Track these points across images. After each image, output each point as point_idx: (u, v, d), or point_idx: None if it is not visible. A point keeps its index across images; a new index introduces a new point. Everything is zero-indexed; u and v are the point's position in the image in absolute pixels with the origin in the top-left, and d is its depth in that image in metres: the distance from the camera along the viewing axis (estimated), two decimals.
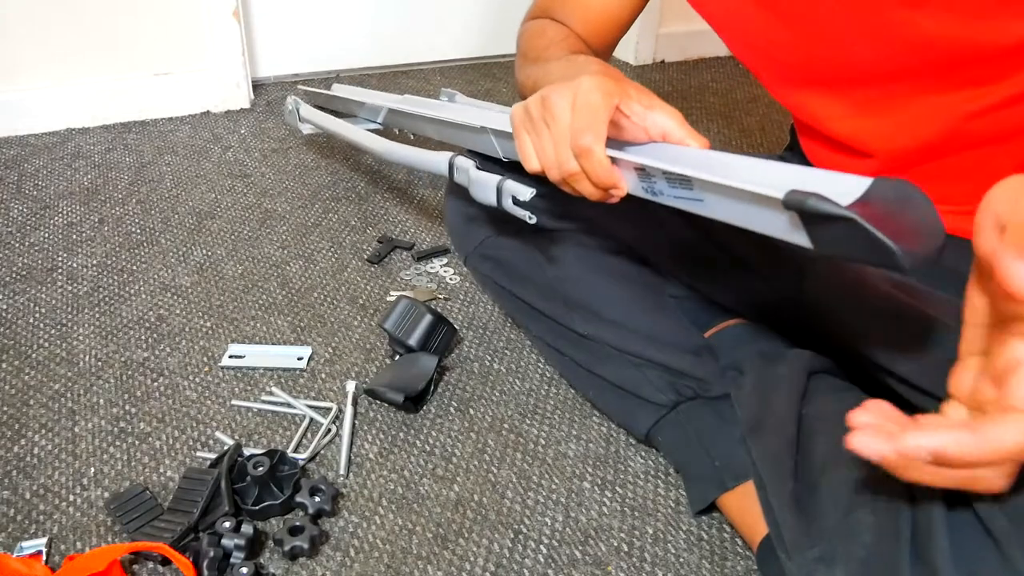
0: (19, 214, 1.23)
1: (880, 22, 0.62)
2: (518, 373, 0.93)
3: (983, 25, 0.57)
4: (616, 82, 0.63)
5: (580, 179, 0.63)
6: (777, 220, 0.51)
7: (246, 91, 1.64)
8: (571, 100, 0.61)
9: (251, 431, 0.84)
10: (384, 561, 0.71)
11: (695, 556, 0.72)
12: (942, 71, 0.61)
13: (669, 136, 0.64)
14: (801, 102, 0.73)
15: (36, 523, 0.73)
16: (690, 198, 0.59)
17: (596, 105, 0.60)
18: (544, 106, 0.63)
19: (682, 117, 0.64)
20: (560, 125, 0.61)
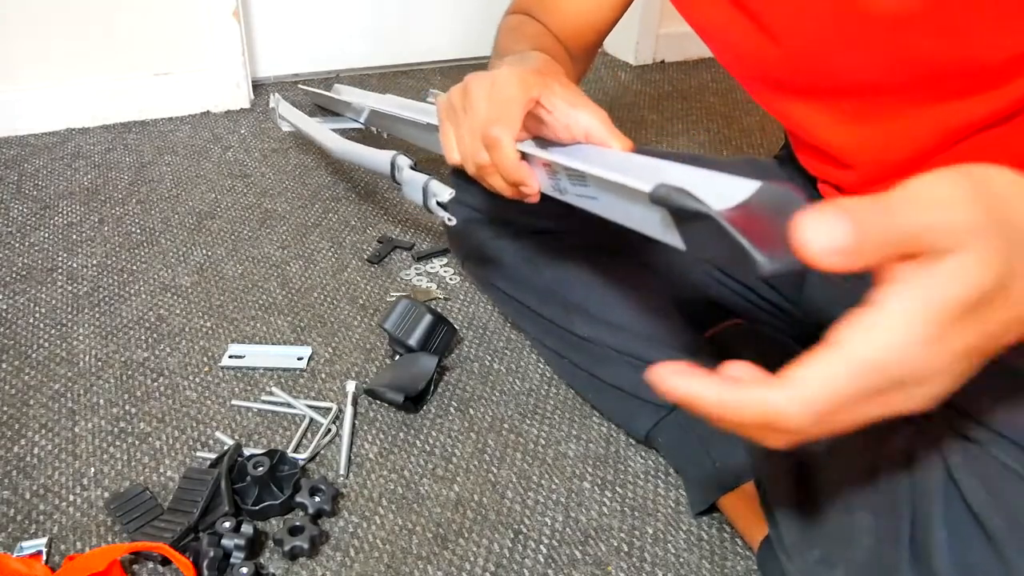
0: (19, 214, 1.23)
1: (866, 38, 0.62)
2: (518, 373, 0.93)
3: (971, 41, 0.57)
4: (539, 76, 0.61)
5: (491, 173, 0.61)
6: (653, 218, 0.49)
7: (246, 91, 1.64)
8: (487, 90, 0.59)
9: (251, 431, 0.84)
10: (384, 561, 0.71)
11: (695, 556, 0.72)
12: (928, 85, 0.61)
13: (591, 135, 0.61)
14: (786, 110, 0.73)
15: (36, 523, 0.73)
16: (588, 196, 0.57)
17: (510, 96, 0.58)
18: (464, 95, 0.61)
19: (607, 117, 0.61)
20: (475, 115, 0.60)
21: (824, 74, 0.67)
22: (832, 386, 0.35)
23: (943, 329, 0.33)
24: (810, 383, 0.35)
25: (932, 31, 0.58)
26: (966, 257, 0.32)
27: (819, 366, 0.35)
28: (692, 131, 1.63)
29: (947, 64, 0.59)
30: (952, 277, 0.33)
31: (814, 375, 0.35)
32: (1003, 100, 0.59)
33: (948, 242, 0.32)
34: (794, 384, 0.36)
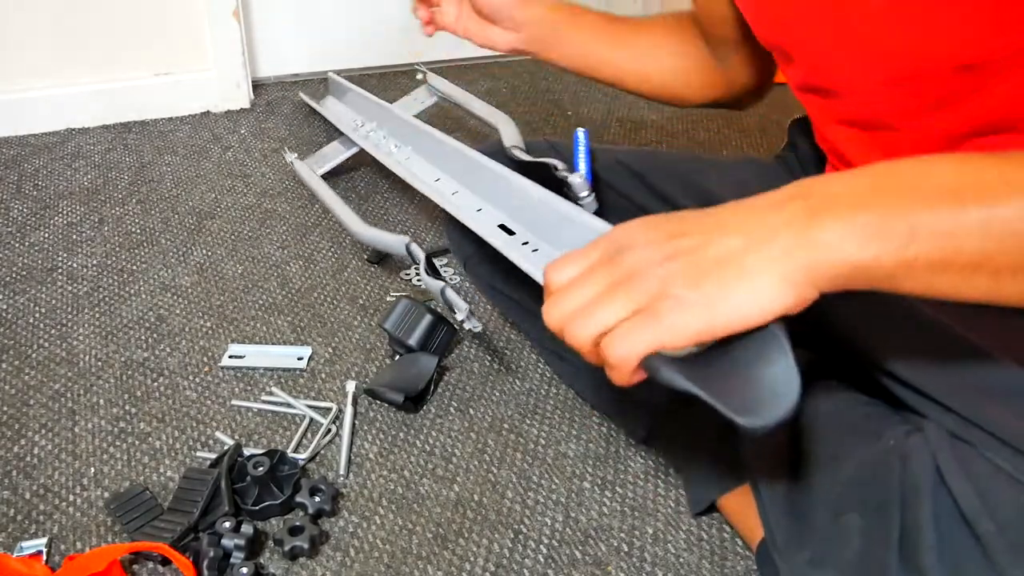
0: (19, 214, 1.23)
1: (865, 38, 0.62)
2: (518, 373, 0.93)
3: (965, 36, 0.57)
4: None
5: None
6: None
7: (246, 91, 1.64)
8: None
9: (251, 431, 0.84)
10: (384, 561, 0.71)
11: (695, 556, 0.72)
12: (926, 84, 0.61)
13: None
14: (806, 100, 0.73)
15: (36, 523, 0.73)
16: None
17: None
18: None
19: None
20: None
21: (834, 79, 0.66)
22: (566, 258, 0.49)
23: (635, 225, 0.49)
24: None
25: (927, 27, 0.58)
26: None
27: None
28: (692, 131, 1.63)
29: (944, 61, 0.59)
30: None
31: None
32: (1001, 96, 0.59)
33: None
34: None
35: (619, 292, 0.45)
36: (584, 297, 0.47)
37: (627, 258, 0.46)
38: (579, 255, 0.49)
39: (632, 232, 0.48)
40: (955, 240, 0.41)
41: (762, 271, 0.43)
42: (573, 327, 0.47)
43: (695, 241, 0.45)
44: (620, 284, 0.46)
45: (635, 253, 0.46)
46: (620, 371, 0.46)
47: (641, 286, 0.45)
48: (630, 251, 0.47)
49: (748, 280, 0.43)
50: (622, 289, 0.45)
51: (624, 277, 0.46)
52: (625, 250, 0.47)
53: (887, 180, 0.43)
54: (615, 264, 0.47)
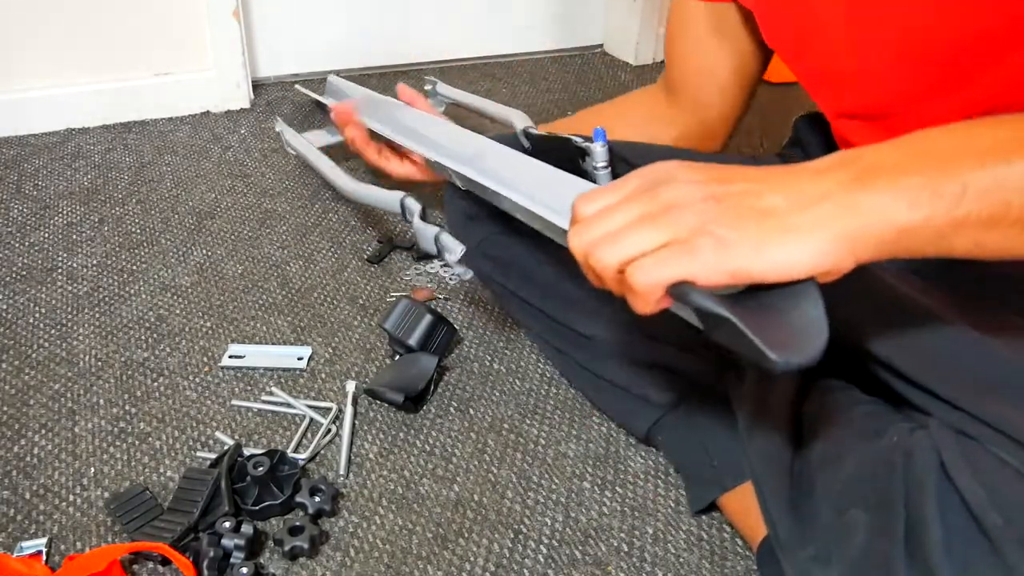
0: (19, 214, 1.23)
1: (873, 22, 0.62)
2: (518, 373, 0.93)
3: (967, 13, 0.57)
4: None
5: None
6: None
7: (246, 91, 1.64)
8: None
9: (251, 431, 0.84)
10: (384, 561, 0.71)
11: (695, 556, 0.72)
12: (933, 64, 0.61)
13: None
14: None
15: (36, 523, 0.73)
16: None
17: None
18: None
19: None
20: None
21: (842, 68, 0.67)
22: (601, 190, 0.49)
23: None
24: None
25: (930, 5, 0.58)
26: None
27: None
28: None
29: (953, 33, 0.59)
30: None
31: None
32: (1007, 77, 0.59)
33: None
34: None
35: (655, 221, 0.44)
36: (615, 223, 0.46)
37: (665, 191, 0.45)
38: (612, 187, 0.48)
39: (672, 169, 0.47)
40: (1004, 194, 0.42)
41: (806, 230, 0.42)
42: (599, 250, 0.46)
43: (739, 188, 0.44)
44: (656, 215, 0.45)
45: (675, 188, 0.45)
46: (645, 298, 0.44)
47: (679, 219, 0.44)
48: (669, 185, 0.45)
49: (791, 235, 0.42)
50: (659, 219, 0.44)
51: (661, 209, 0.45)
52: (663, 184, 0.46)
53: (930, 144, 0.44)
54: (652, 196, 0.45)
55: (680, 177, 0.46)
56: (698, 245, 0.43)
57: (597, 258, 0.46)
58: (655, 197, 0.45)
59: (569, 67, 1.96)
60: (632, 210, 0.46)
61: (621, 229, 0.45)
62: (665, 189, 0.45)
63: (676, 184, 0.46)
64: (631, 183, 0.48)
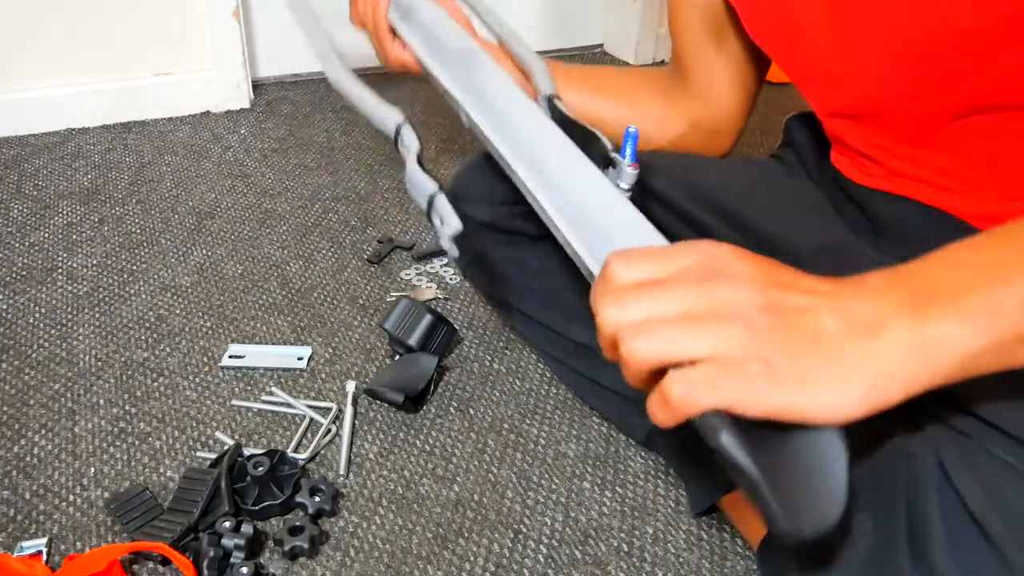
0: (19, 214, 1.23)
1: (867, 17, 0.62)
2: (518, 373, 0.93)
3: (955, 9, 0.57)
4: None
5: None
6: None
7: (246, 91, 1.64)
8: None
9: (251, 431, 0.84)
10: (384, 561, 0.71)
11: (695, 556, 0.72)
12: (921, 60, 0.61)
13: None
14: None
15: (36, 523, 0.73)
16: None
17: None
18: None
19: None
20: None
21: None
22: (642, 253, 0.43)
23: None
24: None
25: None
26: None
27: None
28: None
29: (945, 32, 0.59)
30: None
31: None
32: (997, 73, 0.59)
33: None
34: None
35: (705, 326, 0.39)
36: (658, 309, 0.40)
37: (720, 289, 0.40)
38: (659, 256, 0.42)
39: (729, 258, 0.42)
40: None
41: (858, 366, 0.39)
42: (635, 338, 0.40)
43: (796, 302, 0.40)
44: (707, 318, 0.39)
45: (731, 287, 0.40)
46: (675, 412, 0.40)
47: (733, 332, 0.39)
48: (725, 281, 0.40)
49: (842, 370, 0.39)
50: (711, 325, 0.39)
51: (714, 311, 0.39)
52: (719, 277, 0.40)
53: (982, 254, 0.41)
54: (705, 290, 0.40)
55: (738, 272, 0.41)
56: (750, 372, 0.38)
57: (630, 347, 0.40)
58: (709, 293, 0.40)
59: None
60: (681, 299, 0.40)
61: (665, 321, 0.40)
62: (721, 285, 0.40)
63: (733, 282, 0.40)
64: (682, 259, 0.42)
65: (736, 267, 0.41)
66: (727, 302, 0.39)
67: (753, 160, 0.93)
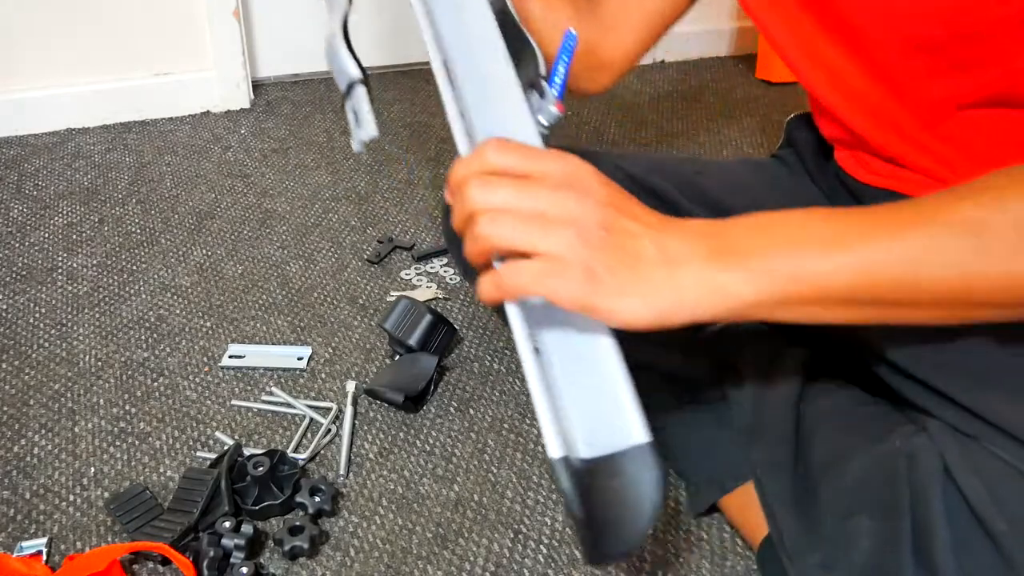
0: (19, 214, 1.23)
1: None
2: (518, 373, 0.93)
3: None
4: None
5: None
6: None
7: (246, 91, 1.64)
8: None
9: (251, 431, 0.84)
10: (384, 561, 0.71)
11: (695, 556, 0.72)
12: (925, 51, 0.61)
13: None
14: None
15: (36, 523, 0.73)
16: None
17: None
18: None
19: None
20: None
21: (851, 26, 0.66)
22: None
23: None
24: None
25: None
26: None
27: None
28: (692, 131, 1.63)
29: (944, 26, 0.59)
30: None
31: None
32: (999, 71, 0.59)
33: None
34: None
35: (551, 229, 0.46)
36: (517, 203, 0.46)
37: (572, 201, 0.46)
38: (530, 153, 0.48)
39: (587, 176, 0.48)
40: (828, 287, 0.48)
41: (659, 289, 0.47)
42: (490, 224, 0.46)
43: (628, 226, 0.48)
44: (555, 222, 0.46)
45: (582, 201, 0.46)
46: (504, 293, 0.47)
47: (572, 240, 0.45)
48: (579, 195, 0.47)
49: (646, 289, 0.47)
50: (555, 228, 0.46)
51: (562, 218, 0.46)
52: (575, 189, 0.47)
53: (773, 232, 0.49)
54: (560, 197, 0.46)
55: (591, 190, 0.47)
56: (574, 275, 0.45)
57: (485, 229, 0.46)
58: (562, 201, 0.46)
59: None
60: (537, 199, 0.46)
61: (519, 215, 0.46)
62: (573, 198, 0.47)
63: (585, 197, 0.47)
64: (549, 164, 0.48)
65: (591, 185, 0.48)
66: (574, 213, 0.46)
67: (754, 160, 0.92)
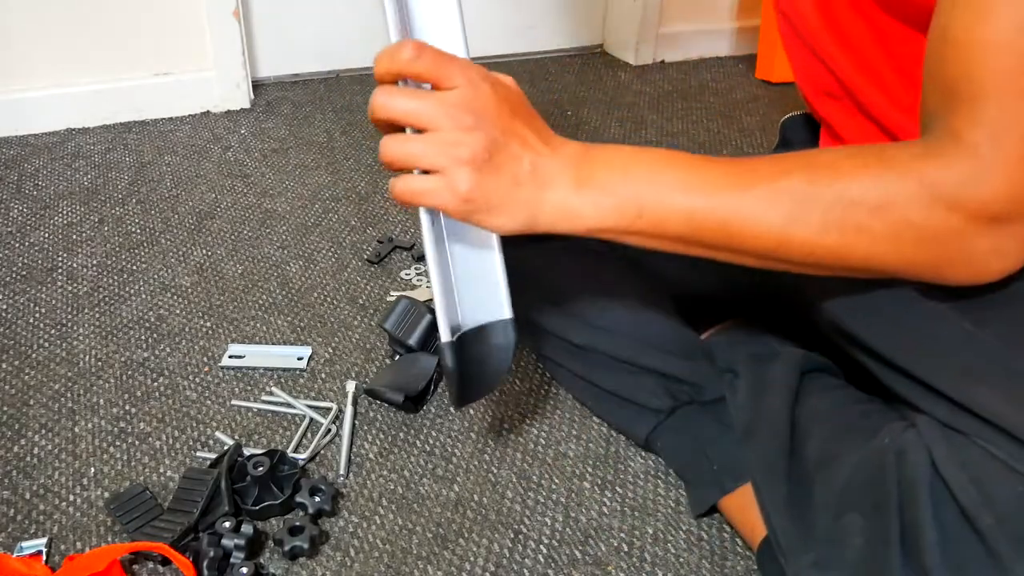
0: (19, 214, 1.23)
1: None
2: (518, 373, 0.93)
3: None
4: None
5: None
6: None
7: (246, 91, 1.64)
8: None
9: (251, 431, 0.84)
10: (384, 561, 0.71)
11: (695, 556, 0.72)
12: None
13: None
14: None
15: (36, 523, 0.73)
16: None
17: None
18: None
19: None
20: None
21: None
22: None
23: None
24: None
25: None
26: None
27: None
28: (692, 131, 1.63)
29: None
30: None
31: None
32: None
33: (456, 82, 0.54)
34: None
35: (446, 152, 0.53)
36: (416, 120, 0.53)
37: (466, 131, 0.53)
38: (442, 66, 0.53)
39: (487, 101, 0.54)
40: (664, 225, 0.55)
41: (527, 205, 0.55)
42: (391, 143, 0.54)
43: (515, 150, 0.54)
44: (450, 144, 0.52)
45: (475, 128, 0.53)
46: (402, 200, 0.55)
47: (462, 166, 0.53)
48: (475, 120, 0.53)
49: (513, 207, 0.55)
50: (449, 151, 0.53)
51: (455, 140, 0.52)
52: (472, 114, 0.53)
53: (631, 170, 0.56)
54: (453, 118, 0.53)
55: (488, 114, 0.53)
56: (451, 195, 0.53)
57: (388, 144, 0.54)
58: (456, 123, 0.52)
59: (569, 67, 1.96)
60: (434, 121, 0.53)
61: (415, 138, 0.53)
62: (469, 125, 0.53)
63: (480, 122, 0.53)
64: (456, 79, 0.53)
65: (487, 106, 0.53)
66: (462, 140, 0.52)
67: None
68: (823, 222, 0.52)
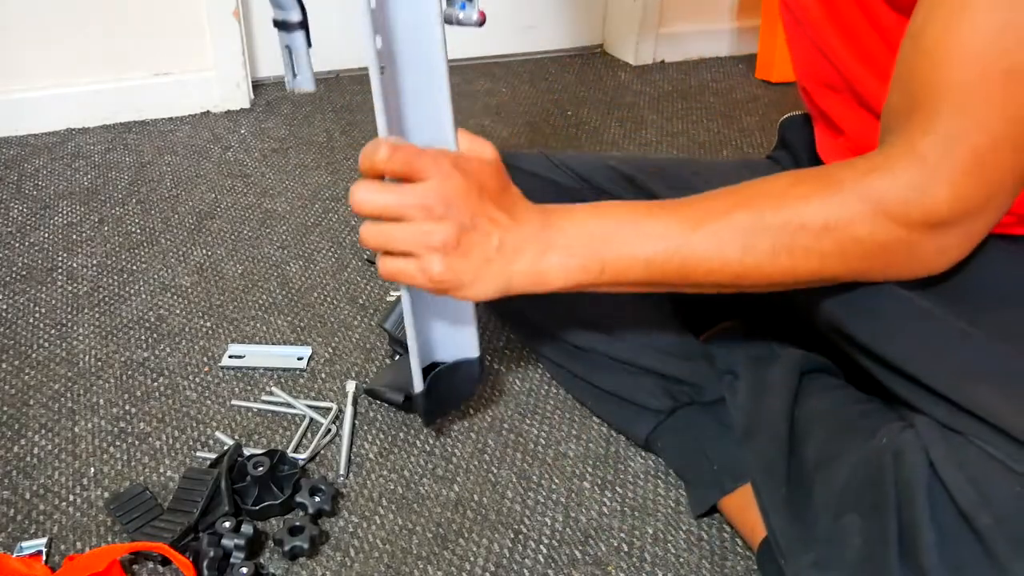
0: (19, 214, 1.23)
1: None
2: (518, 373, 0.93)
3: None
4: None
5: None
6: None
7: (246, 91, 1.64)
8: None
9: (251, 431, 0.84)
10: (384, 561, 0.71)
11: (695, 556, 0.72)
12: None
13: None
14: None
15: (36, 523, 0.73)
16: None
17: None
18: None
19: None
20: None
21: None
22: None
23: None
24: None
25: None
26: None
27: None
28: (692, 131, 1.63)
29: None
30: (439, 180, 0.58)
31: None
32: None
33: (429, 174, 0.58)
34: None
35: (420, 241, 0.57)
36: (395, 212, 0.58)
37: (436, 223, 0.57)
38: (415, 161, 0.57)
39: (457, 194, 0.57)
40: (627, 274, 0.60)
41: (497, 277, 0.59)
42: (373, 229, 0.59)
43: (485, 227, 0.58)
44: (424, 233, 0.57)
45: (447, 220, 0.57)
46: (385, 277, 0.60)
47: (435, 254, 0.57)
48: (445, 206, 0.57)
49: (486, 280, 0.59)
50: (423, 240, 0.57)
51: (425, 231, 0.57)
52: (443, 205, 0.57)
53: (591, 230, 0.60)
54: (425, 209, 0.57)
55: (456, 206, 0.57)
56: (435, 276, 0.58)
57: (369, 229, 0.59)
58: (427, 213, 0.57)
59: (569, 67, 1.96)
60: (409, 212, 0.57)
61: (394, 227, 0.58)
62: (441, 209, 0.57)
63: (451, 212, 0.57)
64: (429, 171, 0.57)
65: (457, 197, 0.57)
66: (438, 229, 0.57)
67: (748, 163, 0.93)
68: (773, 249, 0.56)
